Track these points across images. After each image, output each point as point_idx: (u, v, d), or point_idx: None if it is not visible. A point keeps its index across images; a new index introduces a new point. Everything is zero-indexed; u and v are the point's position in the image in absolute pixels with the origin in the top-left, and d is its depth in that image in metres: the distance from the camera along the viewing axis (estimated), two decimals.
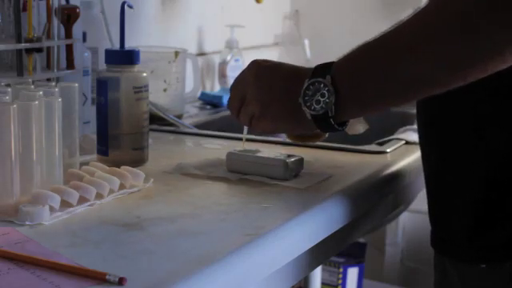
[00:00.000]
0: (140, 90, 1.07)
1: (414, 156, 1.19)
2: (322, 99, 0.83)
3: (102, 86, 1.06)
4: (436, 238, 0.95)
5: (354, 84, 0.83)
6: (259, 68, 0.95)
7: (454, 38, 0.75)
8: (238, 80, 0.98)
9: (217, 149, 1.22)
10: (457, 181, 0.90)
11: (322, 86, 0.83)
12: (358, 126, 1.03)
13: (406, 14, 0.83)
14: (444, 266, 0.93)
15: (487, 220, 0.87)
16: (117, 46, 1.10)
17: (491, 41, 0.73)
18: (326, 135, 1.04)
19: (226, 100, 1.68)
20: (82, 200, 0.88)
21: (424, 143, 0.96)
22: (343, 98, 0.83)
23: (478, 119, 0.86)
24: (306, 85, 0.85)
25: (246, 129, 1.03)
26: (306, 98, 0.85)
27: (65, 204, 0.86)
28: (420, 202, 1.24)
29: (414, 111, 0.98)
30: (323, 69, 0.84)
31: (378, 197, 1.10)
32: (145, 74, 1.08)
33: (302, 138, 1.07)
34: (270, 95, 0.91)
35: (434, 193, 0.95)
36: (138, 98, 1.06)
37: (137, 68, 1.07)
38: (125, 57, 1.07)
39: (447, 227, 0.92)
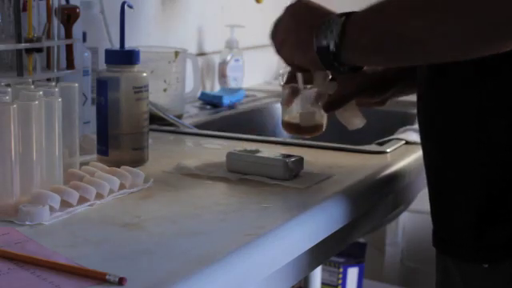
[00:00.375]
0: (140, 89, 1.07)
1: (414, 156, 1.19)
2: (329, 34, 0.87)
3: (102, 86, 1.06)
4: (438, 238, 0.95)
5: (359, 29, 0.86)
6: (297, 6, 1.00)
7: (461, 13, 0.76)
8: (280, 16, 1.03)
9: (217, 149, 1.22)
10: (458, 178, 0.90)
11: (334, 23, 0.87)
12: (356, 121, 1.05)
13: None
14: (446, 265, 0.93)
15: (489, 218, 0.87)
16: (117, 46, 1.10)
17: (487, 14, 0.75)
18: (323, 129, 1.05)
19: (226, 100, 1.70)
20: (82, 200, 0.88)
21: (425, 140, 0.96)
22: (348, 40, 0.86)
23: (480, 114, 0.87)
24: (323, 20, 0.89)
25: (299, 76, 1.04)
26: (319, 31, 0.89)
27: (65, 204, 0.86)
28: (420, 202, 1.24)
29: (415, 111, 0.98)
30: (344, 13, 0.88)
31: (377, 197, 1.10)
32: (145, 74, 1.08)
33: (299, 129, 1.07)
34: (294, 25, 0.96)
35: (435, 191, 0.95)
36: (138, 97, 1.06)
37: (137, 68, 1.07)
38: (125, 57, 1.07)
39: (449, 226, 0.92)
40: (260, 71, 2.13)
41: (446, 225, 0.93)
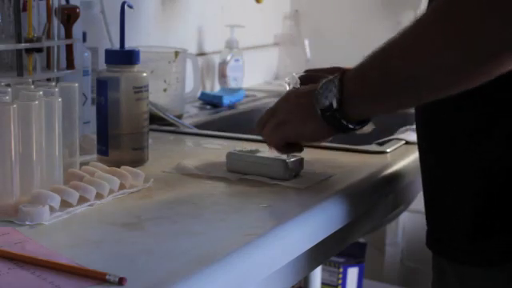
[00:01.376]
0: (140, 89, 1.07)
1: (414, 156, 1.19)
2: (329, 94, 0.89)
3: (102, 86, 1.06)
4: (432, 239, 0.95)
5: (358, 83, 0.88)
6: (289, 94, 1.00)
7: (450, 41, 0.76)
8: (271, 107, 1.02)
9: (217, 149, 1.22)
10: (452, 179, 0.90)
11: (331, 84, 0.89)
12: (364, 126, 1.04)
13: (405, 14, 0.84)
14: (441, 265, 0.93)
15: (484, 221, 0.87)
16: (117, 46, 1.10)
17: (486, 43, 0.74)
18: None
19: (226, 100, 1.70)
20: (82, 200, 0.88)
21: (421, 146, 0.96)
22: (349, 96, 0.88)
23: (473, 123, 0.87)
24: (319, 86, 0.91)
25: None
26: (318, 96, 0.91)
27: (65, 204, 0.86)
28: (420, 202, 1.24)
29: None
30: (337, 76, 0.90)
31: (377, 197, 1.10)
32: (145, 74, 1.08)
33: None
34: (295, 107, 0.96)
35: (430, 195, 0.95)
36: (138, 97, 1.06)
37: (137, 68, 1.07)
38: (125, 57, 1.07)
39: (444, 229, 0.92)
40: (260, 71, 2.13)
41: (441, 226, 0.93)
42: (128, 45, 1.09)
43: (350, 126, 0.91)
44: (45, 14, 1.11)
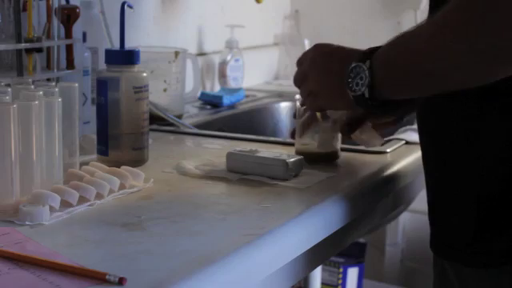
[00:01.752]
0: (140, 89, 1.07)
1: (414, 156, 1.19)
2: (360, 82, 0.91)
3: (102, 86, 1.06)
4: (436, 241, 0.95)
5: (386, 71, 0.90)
6: (317, 53, 1.05)
7: (464, 38, 0.77)
8: (301, 60, 1.08)
9: (217, 149, 1.22)
10: (455, 185, 0.90)
11: (361, 69, 0.91)
12: (375, 141, 1.08)
13: (405, 14, 0.84)
14: (443, 267, 0.93)
15: (487, 223, 0.87)
16: (117, 46, 1.10)
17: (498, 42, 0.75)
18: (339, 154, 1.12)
19: (226, 100, 1.70)
20: (82, 200, 0.88)
21: (423, 148, 0.96)
22: (378, 82, 0.90)
23: (470, 123, 0.87)
24: (349, 68, 0.93)
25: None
26: (349, 80, 0.93)
27: (65, 204, 0.86)
28: (420, 202, 1.24)
29: (414, 111, 0.99)
30: (366, 54, 0.92)
31: (377, 197, 1.10)
32: (145, 74, 1.08)
33: (317, 157, 1.11)
34: (324, 77, 1.02)
35: (434, 196, 0.95)
36: (138, 97, 1.06)
37: (137, 68, 1.07)
38: (125, 57, 1.07)
39: (447, 231, 0.92)
40: (260, 71, 2.13)
41: (444, 231, 0.93)
42: (128, 45, 1.09)
43: (378, 108, 0.93)
44: (45, 14, 1.11)
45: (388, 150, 1.20)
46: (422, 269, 2.17)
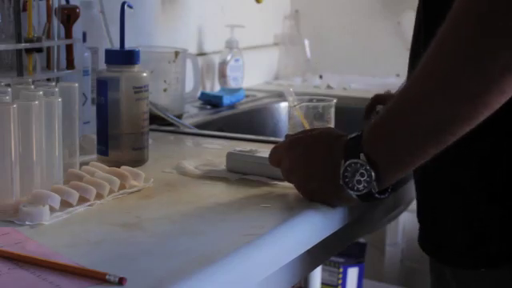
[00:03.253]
0: (140, 89, 1.07)
1: None
2: (362, 179, 0.84)
3: (102, 86, 1.06)
4: (429, 244, 0.94)
5: (388, 154, 0.84)
6: (292, 140, 0.95)
7: (464, 71, 0.75)
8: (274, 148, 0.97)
9: (217, 149, 1.22)
10: (449, 186, 0.90)
11: (358, 165, 0.84)
12: None
13: (405, 14, 0.84)
14: (439, 268, 0.93)
15: (484, 226, 0.87)
16: (117, 46, 1.10)
17: (497, 63, 0.74)
18: None
19: (226, 100, 1.70)
20: (82, 200, 0.88)
21: None
22: (382, 171, 0.84)
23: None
24: (343, 167, 0.86)
25: None
26: (347, 180, 0.86)
27: (65, 204, 0.86)
28: None
29: None
30: (355, 147, 0.85)
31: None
32: (145, 74, 1.08)
33: None
34: (306, 172, 0.91)
35: (424, 198, 0.95)
36: (138, 97, 1.06)
37: (137, 68, 1.07)
38: (125, 57, 1.07)
39: (441, 233, 0.92)
40: (260, 71, 2.14)
41: (438, 231, 0.92)
42: (128, 45, 1.09)
43: (384, 196, 0.88)
44: (45, 14, 1.11)
45: None
46: (422, 269, 2.17)
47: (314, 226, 0.90)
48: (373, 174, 0.83)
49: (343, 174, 0.86)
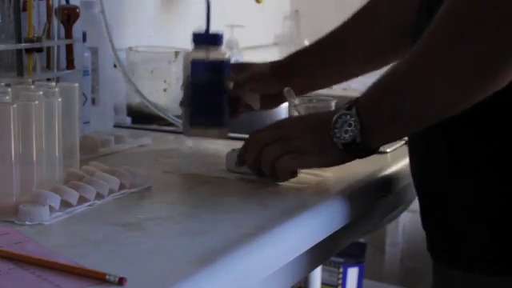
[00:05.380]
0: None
1: None
2: (349, 128, 0.89)
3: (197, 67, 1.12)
4: (438, 249, 0.94)
5: (375, 114, 0.89)
6: (294, 118, 1.03)
7: (456, 56, 0.81)
8: (252, 135, 1.00)
9: (217, 149, 1.22)
10: (451, 175, 0.90)
11: (348, 117, 0.89)
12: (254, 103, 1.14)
13: None
14: (446, 273, 0.93)
15: (500, 230, 0.87)
16: (117, 46, 1.10)
17: (491, 52, 0.78)
18: None
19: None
20: (82, 200, 0.88)
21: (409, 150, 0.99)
22: (368, 127, 0.89)
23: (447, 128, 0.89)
24: (334, 119, 0.91)
25: None
26: (336, 130, 0.91)
27: (65, 204, 0.86)
28: None
29: None
30: (349, 104, 0.91)
31: (377, 197, 1.10)
32: (227, 56, 1.15)
33: None
34: (309, 134, 0.94)
35: (429, 202, 0.95)
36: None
37: (220, 49, 1.13)
38: (210, 39, 1.13)
39: (452, 238, 0.91)
40: None
41: (448, 235, 0.92)
42: (128, 45, 1.09)
43: (374, 151, 0.93)
44: (45, 14, 1.11)
45: (388, 150, 1.20)
46: (422, 269, 2.17)
47: (313, 226, 0.90)
48: (359, 125, 0.89)
49: (333, 125, 0.90)
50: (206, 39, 1.13)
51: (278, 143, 0.95)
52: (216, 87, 1.11)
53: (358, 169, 1.10)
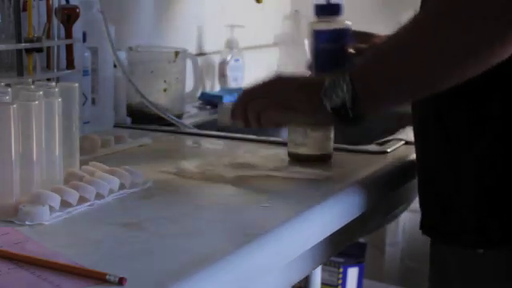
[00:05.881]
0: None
1: (414, 156, 1.19)
2: (340, 93, 0.91)
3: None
4: (429, 226, 0.97)
5: (367, 83, 0.92)
6: (272, 77, 1.03)
7: (445, 34, 0.84)
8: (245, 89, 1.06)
9: (217, 149, 1.22)
10: (452, 166, 0.92)
11: (341, 82, 0.91)
12: None
13: (405, 14, 0.85)
14: (441, 254, 0.94)
15: (487, 202, 0.89)
16: (117, 46, 1.10)
17: (479, 34, 0.82)
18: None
19: (226, 100, 1.69)
20: (82, 200, 0.88)
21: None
22: (359, 94, 0.91)
23: (439, 110, 0.93)
24: (327, 82, 0.93)
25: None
26: (327, 92, 0.93)
27: (65, 204, 0.86)
28: None
29: None
30: (342, 71, 0.93)
31: (377, 197, 1.10)
32: (348, 24, 1.18)
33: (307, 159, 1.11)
34: (300, 90, 0.97)
35: (426, 176, 0.98)
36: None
37: (340, 18, 1.18)
38: (331, 8, 1.18)
39: (443, 212, 0.94)
40: (260, 71, 2.13)
41: (438, 210, 0.94)
42: (128, 45, 1.09)
43: (360, 120, 0.94)
44: (45, 14, 1.11)
45: (388, 150, 1.20)
46: (422, 269, 2.17)
47: (313, 226, 0.90)
48: (351, 92, 0.91)
49: (326, 87, 0.93)
50: (327, 9, 1.18)
51: (266, 96, 0.99)
52: (339, 54, 1.14)
53: (358, 169, 1.10)
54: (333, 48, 1.14)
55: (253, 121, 0.99)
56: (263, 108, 0.99)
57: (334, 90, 0.91)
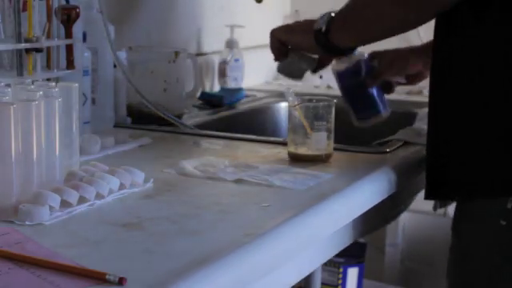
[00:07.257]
0: None
1: (414, 156, 1.19)
2: (321, 21, 1.18)
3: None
4: (434, 186, 1.07)
5: (339, 19, 1.16)
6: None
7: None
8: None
9: (217, 149, 1.22)
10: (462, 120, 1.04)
11: (325, 15, 1.18)
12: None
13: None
14: (459, 229, 1.04)
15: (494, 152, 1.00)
16: (117, 46, 1.10)
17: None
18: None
19: (226, 100, 1.69)
20: (82, 200, 0.88)
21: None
22: (333, 26, 1.16)
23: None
24: (320, 15, 1.19)
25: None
26: (317, 20, 1.19)
27: (65, 204, 0.86)
28: (420, 202, 1.24)
29: (415, 111, 0.99)
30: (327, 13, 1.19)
31: (377, 197, 1.10)
32: (361, 54, 1.26)
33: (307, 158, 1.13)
34: (302, 22, 1.26)
35: (436, 132, 1.08)
36: None
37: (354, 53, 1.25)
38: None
39: (450, 167, 1.04)
40: (260, 71, 2.13)
41: (445, 167, 1.05)
42: (128, 45, 1.09)
43: (332, 48, 1.18)
44: (45, 14, 1.11)
45: (388, 150, 1.20)
46: (422, 269, 2.17)
47: (313, 227, 0.90)
48: (328, 19, 1.16)
49: (317, 18, 1.19)
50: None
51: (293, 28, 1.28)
52: (361, 85, 1.27)
53: (358, 169, 1.10)
54: (353, 83, 1.26)
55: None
56: (281, 29, 1.28)
57: (321, 19, 1.17)
